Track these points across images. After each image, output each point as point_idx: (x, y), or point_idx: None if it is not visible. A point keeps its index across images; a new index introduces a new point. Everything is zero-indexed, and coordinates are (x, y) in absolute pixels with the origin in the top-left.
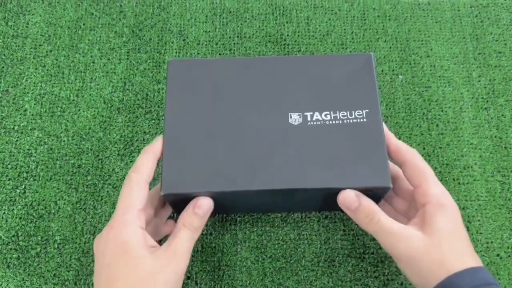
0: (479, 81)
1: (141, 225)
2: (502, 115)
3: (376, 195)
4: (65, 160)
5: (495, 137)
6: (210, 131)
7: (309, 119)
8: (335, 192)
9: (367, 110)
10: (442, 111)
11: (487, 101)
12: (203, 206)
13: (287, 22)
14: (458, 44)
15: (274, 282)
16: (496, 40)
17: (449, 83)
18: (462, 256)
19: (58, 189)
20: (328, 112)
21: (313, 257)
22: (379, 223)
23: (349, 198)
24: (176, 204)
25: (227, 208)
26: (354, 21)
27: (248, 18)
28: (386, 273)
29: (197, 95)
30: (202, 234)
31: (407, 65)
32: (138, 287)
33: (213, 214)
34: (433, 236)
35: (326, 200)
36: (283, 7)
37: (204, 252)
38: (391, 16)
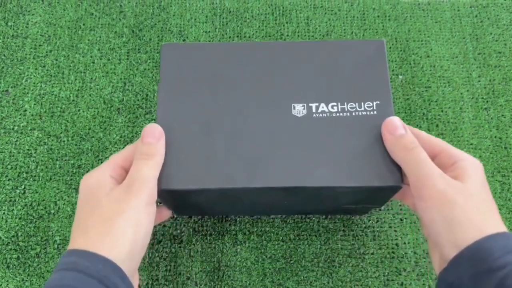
0: (479, 81)
1: (112, 175)
2: (502, 115)
3: (385, 194)
4: (65, 160)
5: (495, 137)
6: (207, 122)
7: (314, 110)
8: (341, 191)
9: (378, 102)
10: (442, 111)
11: (487, 101)
12: (155, 132)
13: (287, 22)
14: (458, 44)
15: (274, 283)
16: (496, 40)
17: (449, 83)
18: (493, 217)
19: (58, 189)
20: (335, 103)
21: (313, 257)
22: (422, 153)
23: (395, 123)
24: (170, 200)
25: (226, 207)
26: (354, 21)
27: (248, 18)
28: (386, 273)
29: (193, 83)
30: (201, 234)
31: (407, 65)
32: (102, 223)
33: (212, 215)
34: (469, 186)
35: (331, 201)
36: (283, 7)
37: (203, 253)
38: (391, 16)
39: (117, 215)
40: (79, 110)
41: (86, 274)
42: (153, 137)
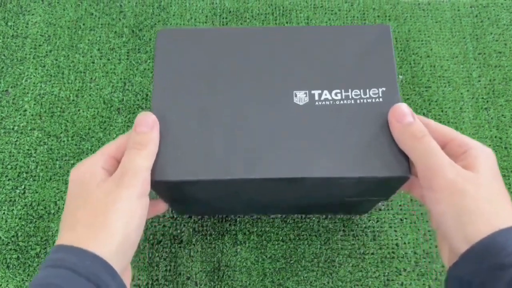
0: (479, 81)
1: (103, 165)
2: (502, 115)
3: (391, 185)
4: (65, 160)
5: (495, 137)
6: (204, 111)
7: (317, 98)
8: (346, 182)
9: (384, 89)
10: (442, 111)
11: (487, 101)
12: (148, 121)
13: (287, 22)
14: (458, 44)
15: (274, 283)
16: (496, 40)
17: (449, 83)
18: (505, 208)
19: (58, 189)
20: (338, 91)
21: (313, 257)
22: (432, 142)
23: (403, 110)
24: (166, 193)
25: (224, 204)
26: (354, 21)
27: (248, 18)
28: (386, 273)
29: (190, 70)
30: (201, 234)
31: (407, 65)
32: (92, 216)
33: (212, 215)
34: (480, 176)
35: (334, 193)
36: (283, 7)
37: (203, 253)
38: (391, 16)
39: (108, 207)
40: (79, 110)
41: (73, 272)
42: (147, 125)
